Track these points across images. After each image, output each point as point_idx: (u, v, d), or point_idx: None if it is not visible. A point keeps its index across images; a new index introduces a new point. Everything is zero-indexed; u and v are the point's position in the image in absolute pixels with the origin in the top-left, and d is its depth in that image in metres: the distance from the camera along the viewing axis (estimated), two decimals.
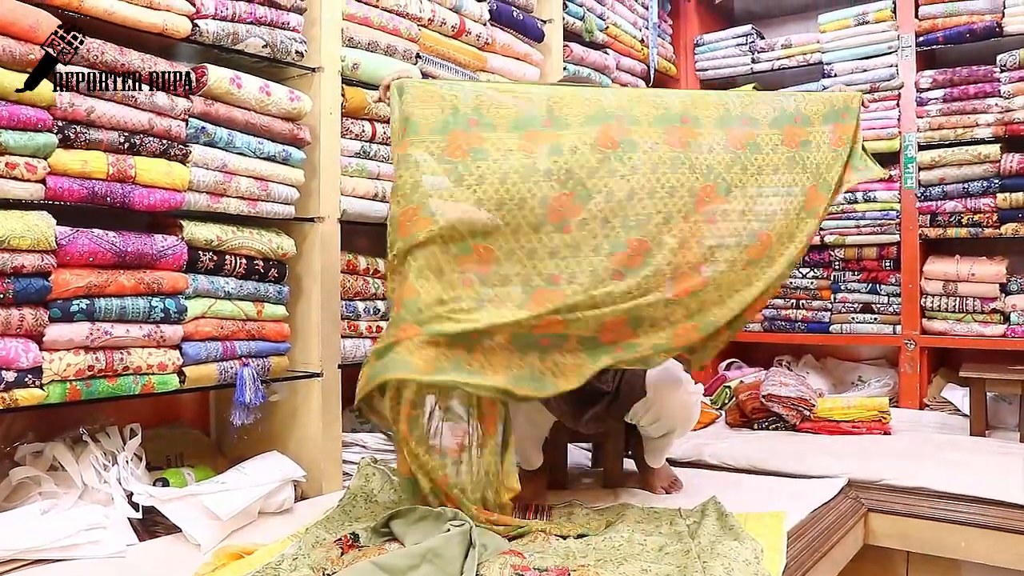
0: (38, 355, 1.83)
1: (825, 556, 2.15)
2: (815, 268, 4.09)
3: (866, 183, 3.86)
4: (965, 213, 3.62)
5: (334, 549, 1.80)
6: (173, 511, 2.01)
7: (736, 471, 2.79)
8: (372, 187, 2.61)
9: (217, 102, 2.18)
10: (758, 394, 3.42)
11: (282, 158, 2.34)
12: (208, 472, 2.29)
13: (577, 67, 3.52)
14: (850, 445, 3.08)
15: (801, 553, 2.04)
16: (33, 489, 1.99)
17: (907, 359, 3.79)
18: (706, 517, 2.08)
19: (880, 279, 3.93)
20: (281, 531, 2.05)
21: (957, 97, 3.64)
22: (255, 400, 2.25)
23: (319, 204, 2.46)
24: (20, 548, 1.77)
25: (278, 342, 2.36)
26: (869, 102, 3.27)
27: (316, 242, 2.47)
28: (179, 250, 2.09)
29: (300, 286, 2.49)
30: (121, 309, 1.97)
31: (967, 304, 3.63)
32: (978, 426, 3.22)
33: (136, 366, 2.01)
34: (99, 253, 1.93)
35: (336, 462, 2.48)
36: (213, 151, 2.18)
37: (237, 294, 2.24)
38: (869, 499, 2.52)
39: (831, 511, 2.37)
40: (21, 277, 1.80)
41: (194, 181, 2.12)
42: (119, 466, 2.08)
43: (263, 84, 2.27)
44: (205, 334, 2.17)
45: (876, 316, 3.93)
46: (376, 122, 2.63)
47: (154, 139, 2.05)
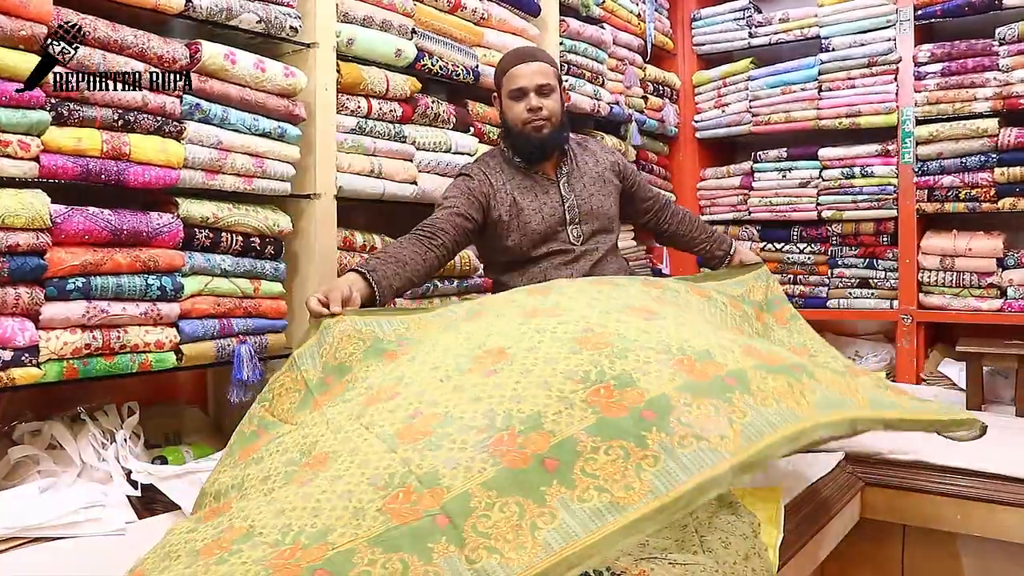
0: (34, 334, 1.83)
1: (822, 530, 2.16)
2: (812, 243, 4.09)
3: (865, 157, 3.88)
4: (963, 188, 3.62)
5: None
6: (172, 488, 2.01)
7: None
8: (368, 163, 2.60)
9: (211, 78, 2.16)
10: None
11: (277, 135, 2.33)
12: (206, 449, 2.29)
13: (574, 42, 3.49)
14: None
15: (798, 527, 2.05)
16: (32, 467, 2.00)
17: (904, 334, 3.80)
18: None
19: (877, 254, 3.93)
20: None
21: (955, 71, 3.62)
22: (252, 377, 2.25)
23: (315, 181, 2.45)
24: (20, 526, 1.78)
25: (275, 319, 2.36)
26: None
27: (312, 219, 2.46)
28: (175, 228, 2.08)
29: (297, 263, 2.48)
30: (117, 287, 1.97)
31: (964, 279, 3.64)
32: (975, 400, 3.23)
33: (133, 344, 2.01)
34: (94, 231, 1.92)
35: None
36: (208, 128, 2.17)
37: (234, 271, 2.24)
38: (865, 473, 2.52)
39: (827, 485, 2.37)
40: (16, 255, 1.80)
41: (189, 158, 2.11)
42: (117, 444, 2.08)
43: (258, 60, 2.25)
44: (202, 311, 2.16)
45: (873, 291, 3.94)
46: (371, 98, 2.61)
47: (148, 116, 2.04)
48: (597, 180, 2.59)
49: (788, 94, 4.10)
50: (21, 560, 1.73)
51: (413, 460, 1.27)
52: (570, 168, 2.57)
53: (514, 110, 2.47)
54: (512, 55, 2.56)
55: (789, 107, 4.10)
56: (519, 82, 2.45)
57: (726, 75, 4.33)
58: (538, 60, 2.50)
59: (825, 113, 4.00)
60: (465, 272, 2.94)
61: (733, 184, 4.31)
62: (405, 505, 1.20)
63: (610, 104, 3.69)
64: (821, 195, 4.02)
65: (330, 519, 1.19)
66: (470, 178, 2.47)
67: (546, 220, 2.48)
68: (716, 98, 4.36)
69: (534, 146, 2.49)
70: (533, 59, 2.50)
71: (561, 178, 2.55)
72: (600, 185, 2.59)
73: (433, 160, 2.82)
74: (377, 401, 1.50)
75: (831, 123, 3.98)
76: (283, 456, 1.49)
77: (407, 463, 1.26)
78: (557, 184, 2.54)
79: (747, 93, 4.24)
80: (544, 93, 2.46)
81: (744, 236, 4.27)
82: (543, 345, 1.51)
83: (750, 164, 4.26)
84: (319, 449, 1.43)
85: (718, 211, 4.37)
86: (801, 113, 4.07)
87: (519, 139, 2.49)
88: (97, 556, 1.75)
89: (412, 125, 2.78)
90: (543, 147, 2.50)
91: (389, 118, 2.68)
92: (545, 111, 2.45)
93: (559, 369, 1.43)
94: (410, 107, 2.74)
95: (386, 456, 1.30)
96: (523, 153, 2.51)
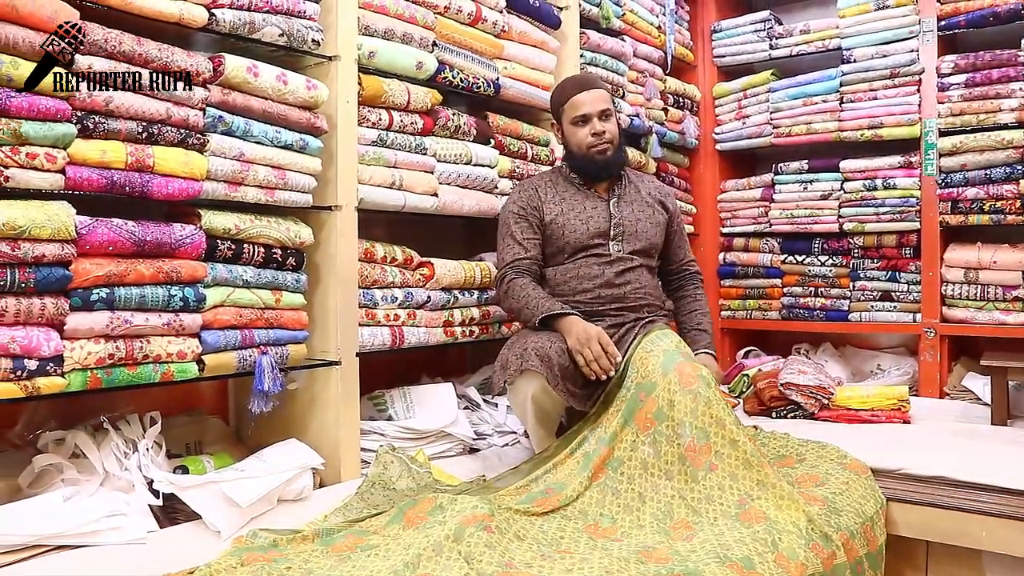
0: (59, 344, 1.85)
1: None
2: (834, 256, 4.07)
3: (887, 169, 3.85)
4: (987, 200, 3.58)
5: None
6: (193, 498, 2.02)
7: None
8: (389, 175, 2.61)
9: (234, 91, 2.18)
10: (776, 382, 3.40)
11: (299, 147, 2.35)
12: (227, 460, 2.31)
13: (594, 54, 3.50)
14: (869, 434, 3.06)
15: None
16: (56, 476, 2.01)
17: (927, 347, 3.76)
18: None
19: (900, 267, 3.90)
20: (300, 518, 2.06)
21: (980, 82, 3.59)
22: (273, 388, 2.26)
23: (336, 193, 2.47)
24: (43, 534, 1.79)
25: (296, 330, 2.37)
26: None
27: (334, 230, 2.47)
28: (197, 239, 2.10)
29: (318, 274, 2.49)
30: (140, 298, 1.99)
31: (988, 292, 3.60)
32: (999, 415, 3.19)
33: (156, 354, 2.03)
34: (118, 242, 1.94)
35: (354, 450, 2.49)
36: (230, 140, 2.18)
37: (255, 282, 2.25)
38: (888, 488, 2.50)
39: None
40: (42, 266, 1.82)
41: (212, 170, 2.13)
42: (139, 454, 2.10)
43: (280, 73, 2.27)
44: (224, 322, 2.18)
45: (895, 304, 3.90)
46: (393, 110, 2.63)
47: (172, 128, 2.05)
48: (647, 208, 2.74)
49: (809, 105, 4.09)
50: (44, 567, 1.75)
51: None
52: (622, 191, 2.73)
53: (578, 135, 2.67)
54: (571, 84, 2.74)
55: (810, 119, 4.08)
56: (582, 109, 2.65)
57: (747, 87, 4.32)
58: (597, 87, 2.70)
59: (847, 125, 3.97)
60: (484, 285, 2.94)
61: (754, 196, 4.29)
62: None
63: (630, 116, 3.69)
64: (843, 207, 3.99)
65: None
66: (523, 196, 2.71)
67: (590, 231, 2.63)
68: (737, 110, 4.35)
69: (599, 167, 2.69)
70: (594, 86, 2.70)
71: (612, 198, 2.70)
72: (649, 213, 2.74)
73: (454, 172, 2.83)
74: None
75: (853, 135, 3.96)
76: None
77: None
78: (607, 203, 2.69)
79: (768, 105, 4.22)
80: (606, 117, 2.67)
81: (765, 248, 4.25)
82: (612, 553, 1.83)
83: (771, 176, 4.24)
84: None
85: (739, 223, 4.36)
86: (822, 125, 4.05)
87: (583, 162, 2.68)
88: (119, 564, 1.77)
89: (433, 137, 2.79)
90: (607, 167, 2.69)
91: (410, 130, 2.69)
92: (608, 134, 2.65)
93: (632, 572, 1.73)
94: (431, 119, 2.76)
95: None
96: (586, 173, 2.71)
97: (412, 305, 2.72)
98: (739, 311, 4.34)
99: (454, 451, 2.74)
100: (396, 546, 1.75)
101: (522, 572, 1.68)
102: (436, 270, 2.78)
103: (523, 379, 2.41)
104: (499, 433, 2.92)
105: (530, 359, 2.35)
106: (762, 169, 4.39)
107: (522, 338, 2.49)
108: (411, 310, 2.72)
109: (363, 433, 2.56)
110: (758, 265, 4.28)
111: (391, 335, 2.63)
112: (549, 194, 2.70)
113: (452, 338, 2.86)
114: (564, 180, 2.75)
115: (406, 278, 2.72)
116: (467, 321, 2.91)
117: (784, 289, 4.22)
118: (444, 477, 2.40)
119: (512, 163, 3.09)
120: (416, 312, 2.74)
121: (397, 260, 2.69)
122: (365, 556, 1.73)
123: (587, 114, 2.65)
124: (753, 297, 4.32)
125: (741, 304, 4.34)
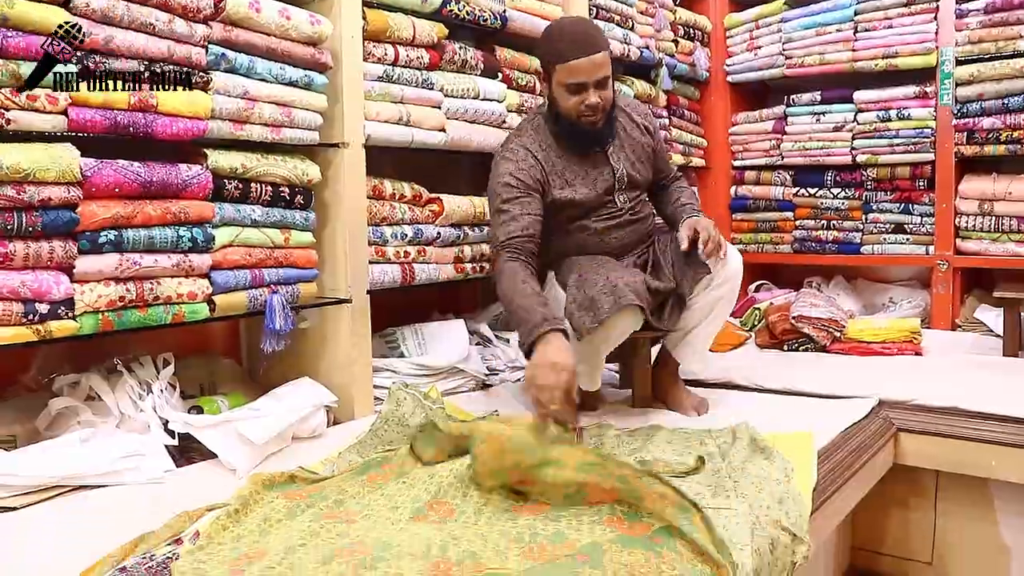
0: (69, 287, 1.85)
1: (855, 475, 2.15)
2: (846, 188, 4.02)
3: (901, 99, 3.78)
4: (1004, 130, 3.51)
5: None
6: (208, 437, 2.04)
7: (766, 392, 2.79)
8: (396, 111, 2.58)
9: (237, 28, 2.15)
10: (788, 315, 3.40)
11: (304, 83, 2.31)
12: (241, 399, 2.33)
13: None
14: (881, 366, 3.07)
15: (831, 472, 2.05)
16: (72, 419, 2.03)
17: (940, 280, 3.74)
18: (737, 439, 2.08)
19: (913, 199, 3.86)
20: (314, 455, 2.08)
21: (1000, 7, 3.48)
22: (285, 327, 2.27)
23: (343, 130, 2.44)
24: (63, 475, 1.82)
25: (306, 269, 2.37)
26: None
27: (341, 168, 2.45)
28: (204, 179, 2.09)
29: (327, 213, 2.48)
30: (149, 239, 1.98)
31: (1003, 223, 3.56)
32: (1012, 347, 3.18)
33: (166, 296, 2.03)
34: (124, 184, 1.92)
35: (367, 387, 2.51)
36: (234, 78, 2.15)
37: (264, 222, 2.24)
38: (899, 419, 2.51)
39: (861, 431, 2.37)
40: (49, 209, 1.81)
41: (216, 109, 2.10)
42: (154, 395, 2.12)
43: (283, 8, 2.23)
44: (233, 262, 2.17)
45: (908, 236, 3.87)
46: (398, 45, 2.58)
47: (174, 67, 2.02)
48: (636, 146, 2.56)
49: (823, 35, 4.00)
50: (65, 507, 1.78)
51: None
52: (615, 136, 2.52)
53: (569, 102, 2.34)
54: (569, 41, 2.32)
55: (823, 49, 4.00)
56: (578, 78, 2.30)
57: (759, 17, 4.22)
58: (599, 49, 2.31)
59: (861, 55, 3.89)
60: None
61: (766, 129, 4.23)
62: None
63: (640, 48, 3.62)
64: (856, 139, 3.93)
65: None
66: (520, 167, 2.36)
67: (598, 192, 2.47)
68: (748, 41, 4.27)
69: (587, 137, 2.42)
70: (595, 49, 2.30)
71: (608, 146, 2.50)
72: (640, 151, 2.57)
73: (462, 107, 2.79)
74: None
75: (867, 65, 3.88)
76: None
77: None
78: (606, 155, 2.49)
79: (780, 35, 4.13)
80: (602, 85, 2.33)
81: (777, 181, 4.20)
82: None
83: (783, 108, 4.17)
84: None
85: (750, 156, 4.30)
86: (836, 55, 3.96)
87: (570, 127, 2.39)
88: (139, 503, 1.79)
89: (440, 72, 2.74)
90: (597, 137, 2.43)
91: (416, 65, 2.65)
92: (602, 104, 2.34)
93: None
94: (437, 54, 2.71)
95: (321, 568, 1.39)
96: (573, 139, 2.43)
97: (422, 242, 2.71)
98: (751, 244, 4.31)
99: (467, 387, 2.76)
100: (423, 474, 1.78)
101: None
102: (445, 206, 2.76)
103: (620, 316, 2.23)
104: (511, 368, 2.93)
105: (624, 295, 2.19)
106: (774, 101, 4.32)
107: (589, 272, 2.30)
108: (421, 247, 2.71)
109: (375, 370, 2.57)
110: (770, 198, 4.24)
111: (401, 272, 2.63)
112: (549, 163, 2.41)
113: (463, 274, 2.85)
114: (557, 141, 2.44)
115: (415, 214, 2.70)
116: (477, 257, 2.90)
117: (796, 222, 4.19)
118: (458, 413, 2.41)
119: (520, 97, 3.05)
120: (426, 248, 2.73)
121: (406, 197, 2.67)
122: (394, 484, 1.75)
123: (583, 83, 2.30)
124: (765, 230, 4.29)
125: (752, 238, 4.31)
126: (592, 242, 2.48)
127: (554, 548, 1.46)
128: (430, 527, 1.56)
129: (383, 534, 1.53)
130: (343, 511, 1.65)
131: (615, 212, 2.50)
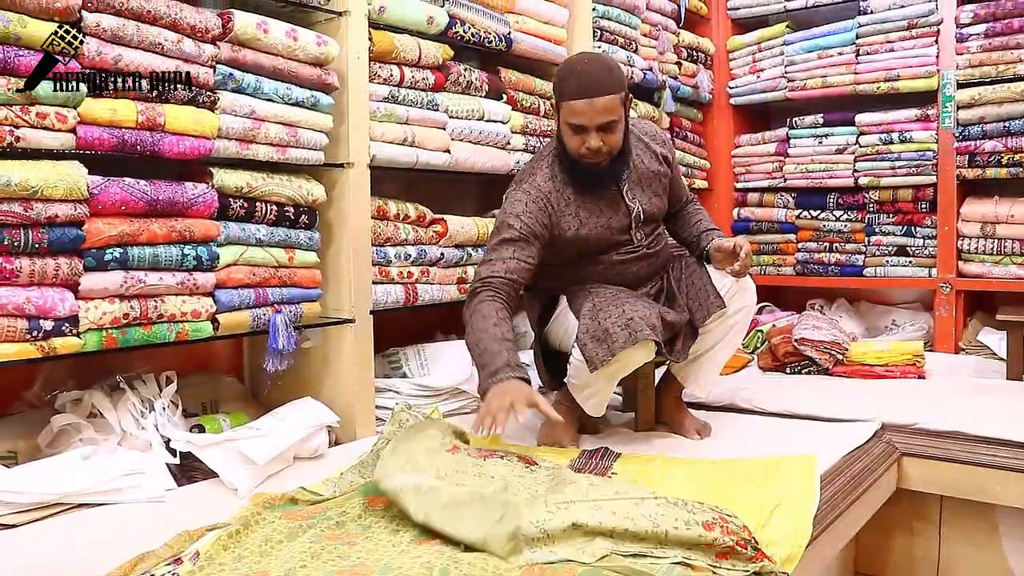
0: (74, 304, 1.85)
1: (858, 500, 2.14)
2: (849, 211, 4.03)
3: (903, 122, 3.80)
4: (1005, 153, 3.53)
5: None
6: (210, 456, 2.04)
7: (769, 415, 2.78)
8: (401, 132, 2.59)
9: (244, 48, 2.16)
10: (791, 338, 3.39)
11: (310, 104, 2.33)
12: (243, 418, 2.32)
13: (606, 7, 3.45)
14: (884, 389, 3.06)
15: (834, 496, 2.04)
16: (74, 435, 2.03)
17: (942, 302, 3.74)
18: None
19: (915, 221, 3.87)
20: (316, 475, 2.07)
21: (1000, 32, 3.51)
22: (288, 346, 2.27)
23: (348, 150, 2.45)
24: (64, 492, 1.81)
25: (310, 288, 2.37)
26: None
27: (346, 188, 2.46)
28: (210, 197, 2.09)
29: (331, 232, 2.48)
30: (154, 257, 1.99)
31: (1005, 246, 3.56)
32: (1015, 370, 3.18)
33: (170, 314, 2.03)
34: (131, 202, 1.93)
35: (369, 407, 2.51)
36: (241, 98, 2.17)
37: (268, 241, 2.25)
38: (903, 443, 2.50)
39: (864, 455, 2.36)
40: (55, 226, 1.82)
41: (223, 128, 2.11)
42: (156, 413, 2.11)
43: (290, 29, 2.24)
44: (237, 281, 2.18)
45: (911, 259, 3.88)
46: (404, 66, 2.60)
47: (182, 86, 2.03)
48: (653, 179, 2.48)
49: (825, 58, 4.02)
50: (65, 524, 1.77)
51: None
52: (629, 172, 2.43)
53: (572, 141, 2.29)
54: (576, 83, 2.24)
55: (826, 72, 4.02)
56: (579, 119, 2.23)
57: (761, 40, 4.25)
58: (603, 95, 2.21)
59: (863, 77, 3.91)
60: None
61: (768, 151, 4.25)
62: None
63: (643, 70, 3.64)
64: (858, 161, 3.95)
65: None
66: (529, 208, 2.31)
67: (613, 231, 2.41)
68: (751, 63, 4.29)
69: (591, 175, 2.34)
70: (599, 93, 2.20)
71: (623, 184, 2.41)
72: (656, 183, 2.50)
73: (466, 128, 2.81)
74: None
75: (869, 88, 3.90)
76: None
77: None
78: (620, 193, 2.41)
79: (783, 58, 4.16)
80: (607, 129, 2.25)
81: (779, 204, 4.21)
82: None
83: (785, 130, 4.19)
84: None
85: (753, 178, 4.32)
86: (838, 78, 3.98)
87: (573, 165, 2.34)
88: (139, 522, 1.79)
89: (445, 93, 2.76)
90: (600, 177, 2.35)
91: (422, 86, 2.66)
92: (605, 148, 2.27)
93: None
94: (442, 75, 2.73)
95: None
96: (580, 176, 2.36)
97: (425, 262, 2.72)
98: (753, 267, 4.30)
99: (468, 408, 2.75)
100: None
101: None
102: (449, 227, 2.77)
103: (634, 349, 2.19)
104: None
105: (640, 328, 2.16)
106: (776, 123, 4.34)
107: (604, 302, 2.25)
108: (424, 267, 2.71)
109: (378, 391, 2.57)
110: (772, 220, 4.25)
111: (405, 292, 2.63)
112: (562, 203, 2.35)
113: (466, 295, 2.85)
114: (571, 178, 2.37)
115: (419, 235, 2.71)
116: None
117: (799, 244, 4.19)
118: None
119: (525, 119, 3.06)
120: (429, 269, 2.73)
121: (410, 217, 2.68)
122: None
123: (583, 125, 2.24)
124: (767, 252, 4.29)
125: (755, 260, 4.32)
126: (608, 275, 2.44)
127: (555, 572, 1.46)
128: (431, 550, 1.56)
129: (384, 556, 1.53)
130: (344, 533, 1.64)
131: (631, 248, 2.45)
